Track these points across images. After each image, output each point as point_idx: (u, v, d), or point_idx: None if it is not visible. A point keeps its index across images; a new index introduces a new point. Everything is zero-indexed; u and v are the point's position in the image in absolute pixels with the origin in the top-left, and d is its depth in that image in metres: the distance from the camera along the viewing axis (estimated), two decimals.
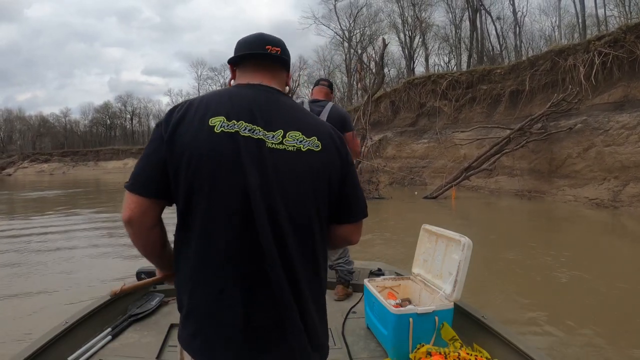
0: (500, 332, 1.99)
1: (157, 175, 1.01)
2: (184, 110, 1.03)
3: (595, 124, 12.43)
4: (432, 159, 19.80)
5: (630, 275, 5.22)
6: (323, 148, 1.06)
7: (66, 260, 6.40)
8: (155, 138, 1.03)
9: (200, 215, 1.00)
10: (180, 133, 1.00)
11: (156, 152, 1.02)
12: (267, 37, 1.16)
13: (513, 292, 4.60)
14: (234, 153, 0.99)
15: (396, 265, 3.30)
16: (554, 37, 31.87)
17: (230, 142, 0.99)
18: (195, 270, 1.02)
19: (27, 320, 3.90)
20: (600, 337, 3.41)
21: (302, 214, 1.04)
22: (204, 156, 0.98)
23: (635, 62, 11.49)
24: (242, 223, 0.98)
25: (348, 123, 3.05)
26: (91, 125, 67.23)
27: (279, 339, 1.01)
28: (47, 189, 22.82)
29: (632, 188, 10.89)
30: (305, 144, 1.04)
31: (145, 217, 1.03)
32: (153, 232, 1.08)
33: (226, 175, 0.98)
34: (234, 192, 0.98)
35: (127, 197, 1.03)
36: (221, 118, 1.01)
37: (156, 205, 1.04)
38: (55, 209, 13.06)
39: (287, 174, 1.02)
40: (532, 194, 13.71)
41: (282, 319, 1.01)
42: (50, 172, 48.42)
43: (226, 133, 0.99)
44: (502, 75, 16.98)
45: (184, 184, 0.99)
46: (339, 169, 1.09)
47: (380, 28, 40.46)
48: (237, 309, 0.99)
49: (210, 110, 1.02)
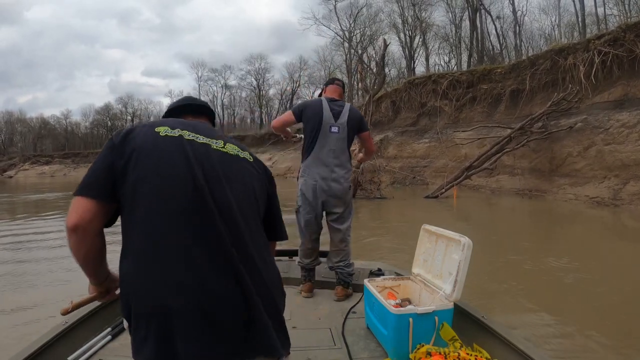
0: (500, 332, 1.98)
1: (104, 177, 1.07)
2: (131, 127, 1.16)
3: (596, 122, 12.45)
4: (433, 158, 19.82)
5: (632, 275, 5.22)
6: (255, 162, 1.27)
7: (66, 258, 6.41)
8: (105, 147, 1.12)
9: (144, 207, 1.05)
10: (128, 139, 1.11)
11: (105, 157, 1.10)
12: (195, 102, 1.46)
13: (514, 292, 4.60)
14: (179, 149, 1.11)
15: (397, 266, 3.30)
16: (554, 36, 31.87)
17: (175, 142, 1.12)
18: (141, 263, 1.04)
19: (27, 320, 3.90)
20: (602, 337, 3.40)
21: (249, 206, 1.17)
22: (150, 151, 1.08)
23: (635, 61, 11.53)
24: (189, 215, 1.05)
25: (364, 123, 3.16)
26: (92, 127, 67.25)
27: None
28: (48, 191, 22.83)
29: (632, 186, 10.93)
30: (242, 154, 1.24)
31: (92, 223, 1.05)
32: (97, 240, 1.09)
33: (172, 166, 1.08)
34: (181, 183, 1.07)
35: (74, 202, 1.05)
36: (165, 127, 1.15)
37: (103, 210, 1.07)
38: (53, 212, 13.08)
39: (233, 170, 1.17)
40: (533, 193, 13.71)
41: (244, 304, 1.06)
42: (51, 174, 48.51)
43: (170, 136, 1.13)
44: (502, 74, 17.02)
45: (131, 177, 1.06)
46: (267, 183, 1.29)
47: (380, 28, 40.51)
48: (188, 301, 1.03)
49: (156, 123, 1.16)
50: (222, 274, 1.04)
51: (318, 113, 2.93)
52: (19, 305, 4.39)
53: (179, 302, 1.00)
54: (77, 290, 1.76)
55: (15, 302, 4.50)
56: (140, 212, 1.05)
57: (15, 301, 4.53)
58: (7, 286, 5.13)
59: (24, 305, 4.40)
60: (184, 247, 1.03)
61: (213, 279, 1.03)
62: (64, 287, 4.91)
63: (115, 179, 1.07)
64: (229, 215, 1.08)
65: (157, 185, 1.06)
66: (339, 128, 2.93)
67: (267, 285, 1.12)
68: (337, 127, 2.93)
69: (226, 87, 60.21)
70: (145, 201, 1.05)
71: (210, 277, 1.03)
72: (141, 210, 1.05)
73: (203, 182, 1.07)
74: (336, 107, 2.97)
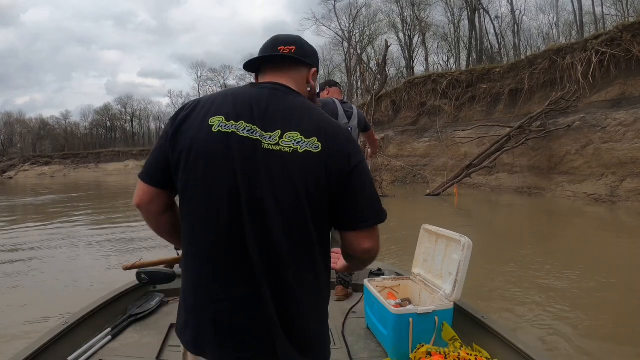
0: (500, 332, 1.98)
1: (161, 167, 1.06)
2: (191, 108, 1.06)
3: (593, 121, 12.50)
4: (433, 157, 19.81)
5: (629, 273, 5.23)
6: (323, 149, 1.00)
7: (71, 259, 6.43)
8: (163, 133, 1.08)
9: (192, 210, 1.03)
10: (182, 130, 1.03)
11: (161, 146, 1.06)
12: (280, 38, 1.16)
13: (514, 292, 4.60)
14: (228, 153, 0.99)
15: (397, 265, 3.31)
16: (552, 35, 31.90)
17: (226, 142, 1.00)
18: (186, 264, 1.07)
19: (26, 320, 3.91)
20: (602, 337, 3.41)
21: (295, 216, 1.00)
22: (200, 155, 1.00)
23: (632, 61, 11.59)
24: (229, 223, 0.99)
25: (367, 122, 3.40)
26: (91, 128, 67.26)
27: (260, 337, 1.01)
28: (49, 193, 22.78)
29: (629, 183, 11.05)
30: (303, 145, 0.99)
31: (151, 205, 1.10)
32: (163, 218, 1.13)
33: (218, 175, 1.00)
34: (224, 192, 0.99)
35: (138, 183, 1.09)
36: (220, 118, 1.02)
37: (162, 194, 1.09)
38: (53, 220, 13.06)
39: (280, 175, 0.99)
40: (532, 190, 13.76)
41: (263, 319, 1.00)
42: (51, 174, 48.37)
43: (223, 133, 1.01)
44: (501, 74, 17.01)
45: (181, 179, 1.03)
46: (340, 170, 1.00)
47: (379, 28, 40.52)
48: (221, 305, 1.01)
49: (213, 109, 1.04)
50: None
51: (335, 113, 3.05)
52: (17, 305, 4.41)
53: None
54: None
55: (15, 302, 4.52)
56: (185, 224, 1.06)
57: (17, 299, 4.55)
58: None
59: (24, 304, 4.41)
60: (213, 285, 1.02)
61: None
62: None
63: (169, 171, 1.05)
64: (267, 234, 0.99)
65: (201, 202, 1.02)
66: (352, 129, 3.08)
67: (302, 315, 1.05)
68: (350, 127, 3.06)
69: (225, 87, 60.10)
70: (189, 217, 1.05)
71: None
72: (185, 223, 1.06)
73: (245, 212, 0.98)
74: (348, 109, 3.14)
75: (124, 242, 7.86)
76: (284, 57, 1.13)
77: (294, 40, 1.16)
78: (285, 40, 1.15)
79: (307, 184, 0.99)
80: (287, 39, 1.16)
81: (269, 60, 1.15)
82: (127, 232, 8.85)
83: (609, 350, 3.19)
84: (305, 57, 1.15)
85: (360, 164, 1.04)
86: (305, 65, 1.16)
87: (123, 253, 6.88)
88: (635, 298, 4.31)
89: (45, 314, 3.95)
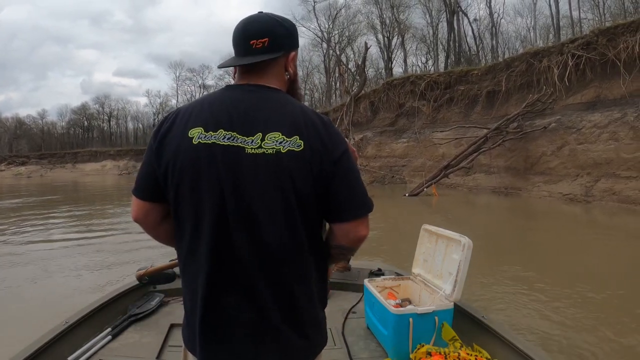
0: (500, 332, 2.00)
1: (150, 182, 1.07)
2: (171, 121, 1.05)
3: (569, 123, 12.87)
4: (411, 158, 20.05)
5: (623, 272, 5.32)
6: (305, 146, 0.99)
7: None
8: (148, 147, 1.09)
9: (183, 221, 1.04)
10: (165, 143, 1.03)
11: (148, 161, 1.07)
12: (250, 30, 1.07)
13: (514, 292, 4.58)
14: (211, 165, 0.99)
15: (395, 264, 3.31)
16: (529, 38, 32.68)
17: (208, 153, 0.99)
18: (183, 271, 1.09)
19: (26, 320, 3.84)
20: (602, 337, 3.39)
21: (284, 217, 1.00)
22: (184, 168, 1.00)
23: (607, 64, 11.95)
24: (219, 232, 1.00)
25: None
26: (68, 127, 65.44)
27: (250, 341, 1.03)
28: (25, 196, 22.04)
29: (603, 184, 11.41)
30: (286, 145, 0.98)
31: (147, 218, 1.11)
32: (161, 228, 1.14)
33: (205, 188, 1.00)
34: (212, 202, 1.00)
35: (132, 198, 1.12)
36: (199, 129, 1.00)
37: (156, 207, 1.10)
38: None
39: (266, 179, 0.98)
40: (509, 191, 14.09)
41: (254, 323, 1.02)
42: (27, 174, 46.92)
43: (203, 144, 0.99)
44: (479, 76, 17.35)
45: (170, 192, 1.04)
46: (324, 165, 1.00)
47: (358, 29, 40.79)
48: (214, 309, 1.02)
49: (191, 120, 1.02)
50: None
51: None
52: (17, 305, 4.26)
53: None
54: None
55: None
56: (178, 232, 1.08)
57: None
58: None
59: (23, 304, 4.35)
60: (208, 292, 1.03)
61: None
62: None
63: (159, 185, 1.06)
64: (256, 258, 1.01)
65: (191, 214, 1.03)
66: None
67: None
68: None
69: (204, 87, 59.61)
70: (182, 225, 1.05)
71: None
72: (178, 231, 1.08)
73: (233, 220, 0.99)
74: None
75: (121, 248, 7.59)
76: (255, 53, 1.06)
77: (266, 30, 1.07)
78: (257, 31, 1.06)
79: (294, 183, 0.98)
80: (258, 29, 1.06)
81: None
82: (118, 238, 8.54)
83: (609, 350, 3.21)
84: (281, 46, 1.08)
85: (345, 153, 1.03)
86: (282, 54, 1.10)
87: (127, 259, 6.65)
88: (636, 298, 4.34)
89: (43, 314, 3.86)
